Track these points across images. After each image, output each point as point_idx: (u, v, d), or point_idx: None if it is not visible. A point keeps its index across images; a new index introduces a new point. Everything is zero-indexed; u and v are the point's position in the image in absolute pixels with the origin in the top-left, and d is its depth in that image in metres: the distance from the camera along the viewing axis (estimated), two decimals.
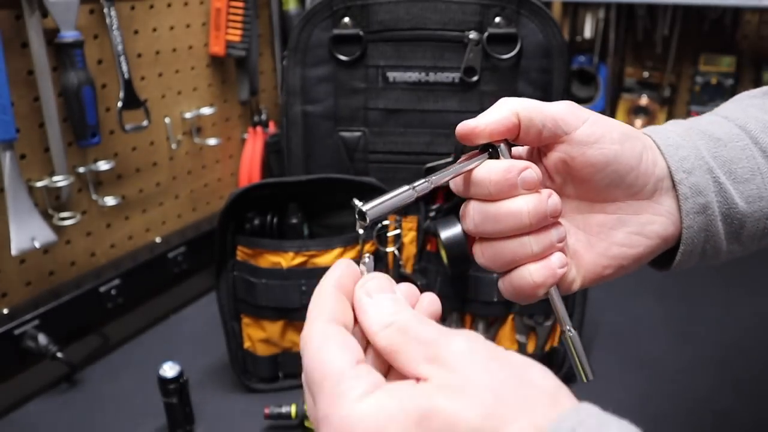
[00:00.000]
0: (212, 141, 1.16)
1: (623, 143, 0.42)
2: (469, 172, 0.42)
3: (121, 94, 0.96)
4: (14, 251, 0.85)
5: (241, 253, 0.85)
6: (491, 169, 0.41)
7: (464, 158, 0.43)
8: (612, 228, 0.44)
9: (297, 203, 0.87)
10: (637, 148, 0.42)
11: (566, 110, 0.42)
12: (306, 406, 0.33)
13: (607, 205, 0.44)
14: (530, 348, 0.86)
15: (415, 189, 0.40)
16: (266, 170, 1.25)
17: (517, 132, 0.42)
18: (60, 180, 0.90)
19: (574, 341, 0.44)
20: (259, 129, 1.25)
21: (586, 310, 0.86)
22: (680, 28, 1.43)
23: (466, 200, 0.43)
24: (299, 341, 0.92)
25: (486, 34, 0.86)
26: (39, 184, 0.89)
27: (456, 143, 0.86)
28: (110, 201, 0.98)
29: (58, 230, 0.91)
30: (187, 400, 0.78)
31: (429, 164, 0.89)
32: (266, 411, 0.78)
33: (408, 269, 0.88)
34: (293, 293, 0.83)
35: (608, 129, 0.42)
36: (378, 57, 0.88)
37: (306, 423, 0.78)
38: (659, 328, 0.98)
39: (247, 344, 0.87)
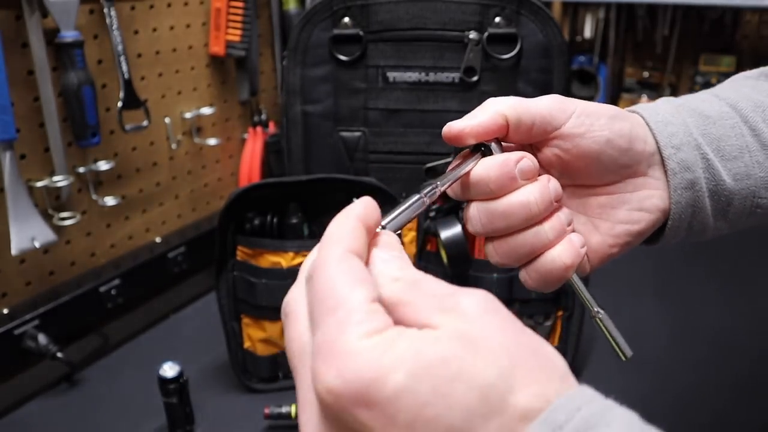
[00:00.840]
0: (212, 141, 1.16)
1: (612, 127, 0.42)
2: (466, 175, 0.41)
3: (121, 94, 0.96)
4: (14, 251, 0.85)
5: (241, 253, 0.85)
6: (488, 167, 0.41)
7: (457, 160, 0.42)
8: (613, 207, 0.45)
9: (297, 203, 0.87)
10: (626, 129, 0.43)
11: (553, 105, 0.42)
12: (288, 332, 0.30)
13: (606, 187, 0.44)
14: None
15: (426, 196, 0.39)
16: (266, 170, 1.25)
17: (506, 131, 0.42)
18: (60, 180, 0.90)
19: (605, 322, 0.44)
20: (259, 129, 1.25)
21: (587, 311, 0.86)
22: (680, 28, 1.43)
23: (467, 203, 0.42)
24: None
25: (486, 34, 0.86)
26: (39, 184, 0.89)
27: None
28: (110, 201, 0.98)
29: (58, 230, 0.91)
30: (187, 400, 0.78)
31: (429, 164, 0.89)
32: (266, 411, 0.78)
33: None
34: None
35: (595, 116, 0.42)
36: (378, 57, 0.88)
37: None
38: (659, 328, 0.98)
39: (247, 344, 0.87)
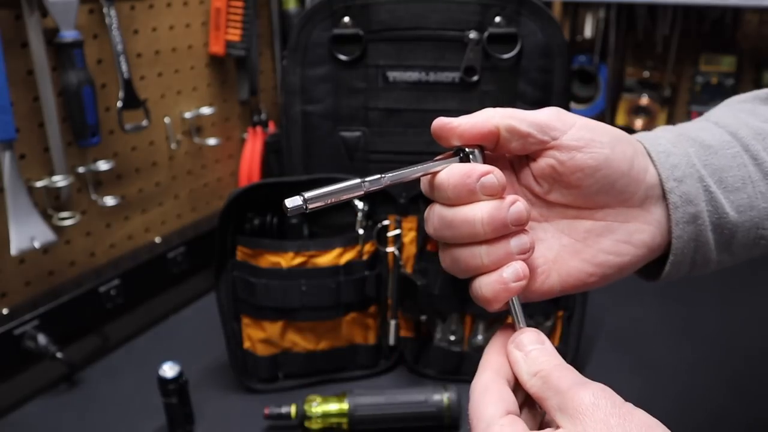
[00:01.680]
0: (212, 141, 1.16)
1: (614, 147, 0.40)
2: (434, 175, 0.40)
3: (121, 94, 0.96)
4: (14, 251, 0.85)
5: (241, 253, 0.84)
6: (451, 173, 0.39)
7: (434, 160, 0.41)
8: (599, 235, 0.43)
9: None
10: (628, 153, 0.41)
11: (552, 116, 0.41)
12: None
13: (596, 212, 0.42)
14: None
15: (367, 182, 0.38)
16: (266, 170, 1.25)
17: (495, 140, 0.40)
18: (60, 180, 0.90)
19: None
20: (259, 129, 1.24)
21: (587, 311, 0.86)
22: (681, 28, 1.43)
23: (431, 203, 0.42)
24: (300, 341, 0.92)
25: (486, 34, 0.85)
26: (39, 184, 0.89)
27: None
28: (110, 201, 0.98)
29: (58, 230, 0.91)
30: (187, 400, 0.78)
31: None
32: (266, 411, 0.78)
33: (408, 269, 0.88)
34: (293, 293, 0.83)
35: (598, 133, 0.41)
36: (378, 57, 0.88)
37: (306, 423, 0.78)
38: (659, 329, 0.98)
39: (247, 344, 0.86)
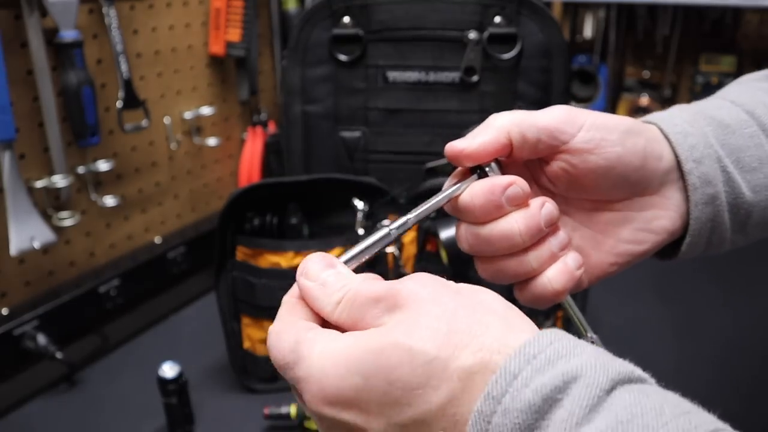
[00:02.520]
0: (212, 141, 1.16)
1: (624, 143, 0.40)
2: (455, 198, 0.40)
3: (121, 94, 0.96)
4: (13, 251, 0.84)
5: (241, 253, 0.84)
6: (474, 194, 0.39)
7: (453, 179, 0.41)
8: (618, 225, 0.43)
9: (297, 203, 0.87)
10: (639, 145, 0.41)
11: (561, 119, 0.40)
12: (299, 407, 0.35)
13: (612, 204, 0.43)
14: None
15: (392, 231, 0.38)
16: (266, 170, 1.25)
17: (509, 150, 0.40)
18: (59, 180, 0.90)
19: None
20: (259, 129, 1.24)
21: (587, 311, 0.86)
22: (681, 28, 1.43)
23: (458, 221, 0.41)
24: None
25: (486, 34, 0.85)
26: (38, 184, 0.89)
27: None
28: (110, 201, 0.98)
29: (58, 230, 0.91)
30: (187, 400, 0.78)
31: (429, 164, 0.89)
32: (266, 411, 0.78)
33: (408, 269, 0.88)
34: None
35: (607, 131, 0.40)
36: (378, 57, 0.88)
37: (306, 423, 0.78)
38: (659, 329, 0.98)
39: (247, 344, 0.86)
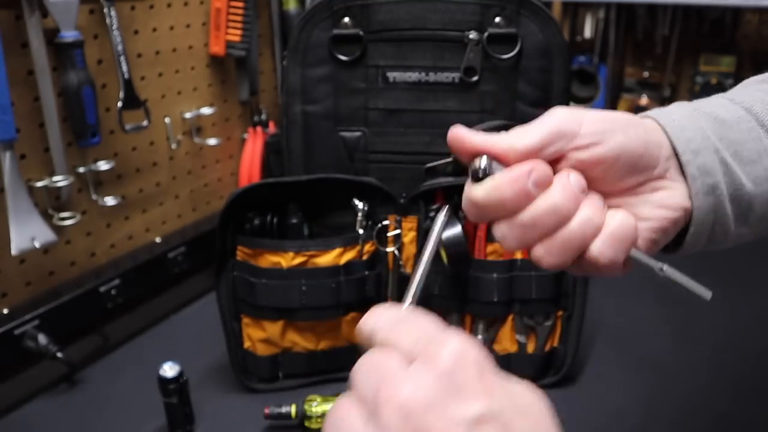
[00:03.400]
0: (212, 141, 1.16)
1: (626, 132, 0.42)
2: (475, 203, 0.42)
3: (121, 94, 0.96)
4: (14, 251, 0.85)
5: (241, 253, 0.85)
6: (499, 188, 0.40)
7: (443, 214, 0.44)
8: (634, 206, 0.44)
9: (297, 203, 0.87)
10: (640, 133, 0.42)
11: (561, 119, 0.41)
12: None
13: (625, 192, 0.44)
14: (530, 348, 0.86)
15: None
16: (266, 170, 1.25)
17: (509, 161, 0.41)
18: (60, 180, 0.90)
19: (674, 275, 0.42)
20: (259, 129, 1.25)
21: (587, 311, 0.86)
22: (680, 28, 1.43)
23: (493, 224, 0.42)
24: (300, 341, 0.91)
25: (486, 34, 0.85)
26: (39, 184, 0.89)
27: None
28: (110, 201, 0.98)
29: (58, 230, 0.91)
30: (187, 400, 0.78)
31: (429, 164, 0.88)
32: (266, 411, 0.78)
33: (408, 269, 0.88)
34: (293, 293, 0.83)
35: (608, 122, 0.42)
36: (378, 57, 0.88)
37: (306, 423, 0.78)
38: (659, 329, 0.98)
39: (247, 344, 0.87)
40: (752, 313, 1.01)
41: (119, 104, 0.97)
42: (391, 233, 0.87)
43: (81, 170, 0.94)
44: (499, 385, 0.31)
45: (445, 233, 0.80)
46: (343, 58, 0.88)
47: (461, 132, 0.42)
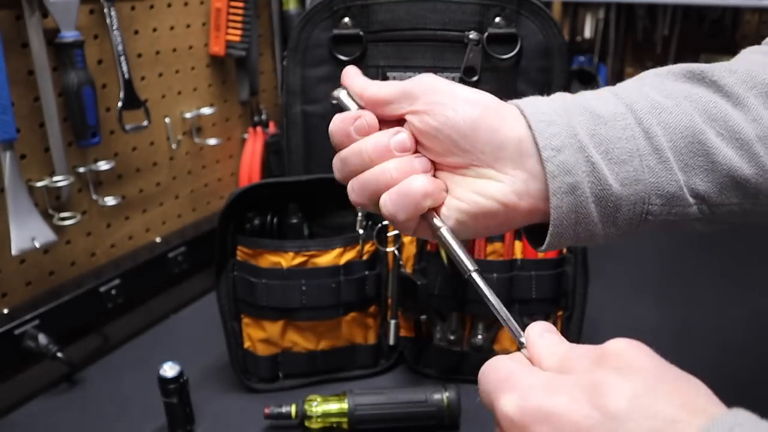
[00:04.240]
0: (212, 141, 1.16)
1: (456, 109, 0.43)
2: None
3: (121, 94, 0.96)
4: (14, 251, 0.85)
5: (242, 253, 0.85)
6: (332, 124, 0.47)
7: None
8: (455, 184, 0.45)
9: (297, 203, 0.87)
10: (472, 114, 0.43)
11: (414, 85, 0.45)
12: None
13: (454, 167, 0.45)
14: None
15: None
16: (266, 170, 1.25)
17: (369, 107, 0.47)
18: (60, 180, 0.90)
19: (449, 241, 0.45)
20: (259, 129, 1.25)
21: (586, 311, 0.86)
22: (680, 28, 1.43)
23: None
24: (300, 341, 0.91)
25: (486, 34, 0.86)
26: (39, 184, 0.89)
27: None
28: (110, 201, 0.98)
29: (58, 230, 0.91)
30: (187, 400, 0.78)
31: None
32: (266, 411, 0.78)
33: (408, 269, 0.88)
34: (293, 293, 0.83)
35: (447, 95, 0.44)
36: (378, 57, 0.88)
37: (306, 423, 0.78)
38: (659, 329, 0.98)
39: (247, 344, 0.87)
40: (752, 314, 1.01)
41: (119, 104, 0.97)
42: (391, 233, 0.87)
43: (81, 170, 0.94)
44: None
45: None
46: (343, 58, 0.88)
47: (348, 70, 0.48)
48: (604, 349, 0.37)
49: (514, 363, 0.38)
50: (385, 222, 0.86)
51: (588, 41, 1.49)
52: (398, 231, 0.45)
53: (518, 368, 0.37)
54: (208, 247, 0.87)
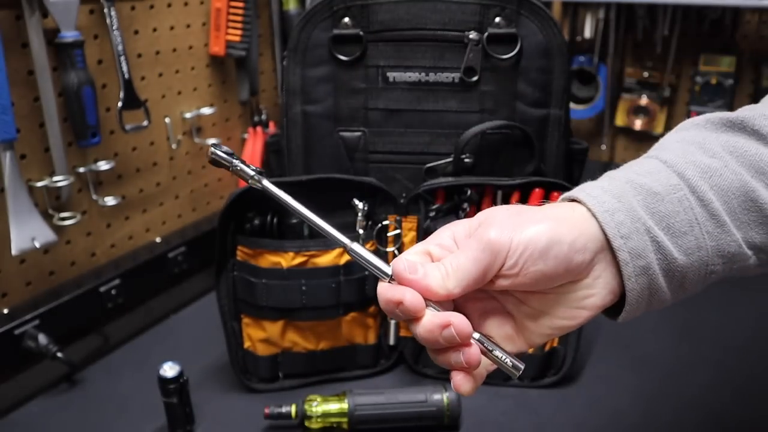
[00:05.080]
0: (212, 141, 1.16)
1: (546, 259, 0.42)
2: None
3: (121, 94, 0.96)
4: (14, 251, 0.85)
5: (242, 253, 0.85)
6: (420, 328, 0.43)
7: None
8: (553, 306, 0.45)
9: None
10: (561, 254, 0.42)
11: (492, 254, 0.42)
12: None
13: (547, 292, 0.45)
14: (530, 348, 0.86)
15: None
16: (266, 170, 1.25)
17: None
18: (60, 180, 0.90)
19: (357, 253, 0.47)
20: (259, 129, 1.25)
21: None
22: (680, 28, 1.43)
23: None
24: (300, 341, 0.91)
25: (486, 34, 0.86)
26: (39, 184, 0.89)
27: (456, 143, 0.87)
28: (110, 201, 0.98)
29: (58, 230, 0.91)
30: (187, 400, 0.78)
31: (429, 164, 0.89)
32: (266, 411, 0.78)
33: None
34: (293, 293, 0.83)
35: (528, 252, 0.42)
36: (378, 57, 0.88)
37: (306, 423, 0.78)
38: (659, 329, 0.98)
39: (247, 344, 0.87)
40: (752, 314, 1.01)
41: (119, 104, 0.97)
42: (392, 233, 0.87)
43: (81, 170, 0.94)
44: None
45: None
46: (343, 58, 0.88)
47: (402, 271, 0.44)
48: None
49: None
50: (386, 222, 0.86)
51: (588, 41, 1.49)
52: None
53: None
54: (208, 247, 0.87)
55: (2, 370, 0.86)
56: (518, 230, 0.42)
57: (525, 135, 0.87)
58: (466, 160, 0.87)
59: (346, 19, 0.87)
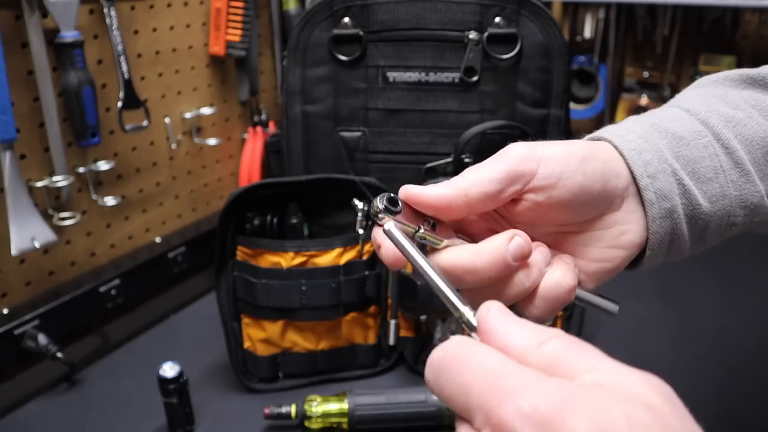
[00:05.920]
0: (212, 141, 1.16)
1: (584, 171, 0.40)
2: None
3: (121, 94, 0.96)
4: (14, 251, 0.85)
5: (241, 253, 0.85)
6: (484, 260, 0.39)
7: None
8: (587, 246, 0.43)
9: (297, 203, 0.87)
10: (598, 170, 0.41)
11: (517, 158, 0.39)
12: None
13: (580, 226, 0.42)
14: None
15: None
16: (266, 170, 1.25)
17: (462, 213, 0.40)
18: (60, 180, 0.90)
19: (585, 296, 0.44)
20: (259, 129, 1.25)
21: (586, 311, 0.86)
22: (680, 28, 1.43)
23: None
24: (300, 341, 0.91)
25: (486, 34, 0.86)
26: (39, 184, 0.89)
27: (456, 143, 0.87)
28: (110, 201, 0.98)
29: (58, 230, 0.91)
30: (187, 400, 0.78)
31: (429, 164, 0.89)
32: (266, 411, 0.78)
33: (408, 269, 0.88)
34: (293, 293, 0.83)
35: (565, 161, 0.40)
36: (378, 57, 0.88)
37: (306, 423, 0.78)
38: (659, 329, 0.98)
39: (247, 344, 0.87)
40: (752, 313, 1.01)
41: (119, 104, 0.97)
42: None
43: (81, 170, 0.94)
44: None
45: None
46: (343, 58, 0.88)
47: (412, 192, 0.40)
48: (621, 383, 0.28)
49: (492, 359, 0.29)
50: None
51: (588, 41, 1.49)
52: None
53: (504, 366, 0.28)
54: (208, 247, 0.87)
55: (2, 370, 0.86)
56: (548, 145, 0.40)
57: (525, 135, 0.87)
58: (466, 160, 0.87)
59: (346, 19, 0.87)
